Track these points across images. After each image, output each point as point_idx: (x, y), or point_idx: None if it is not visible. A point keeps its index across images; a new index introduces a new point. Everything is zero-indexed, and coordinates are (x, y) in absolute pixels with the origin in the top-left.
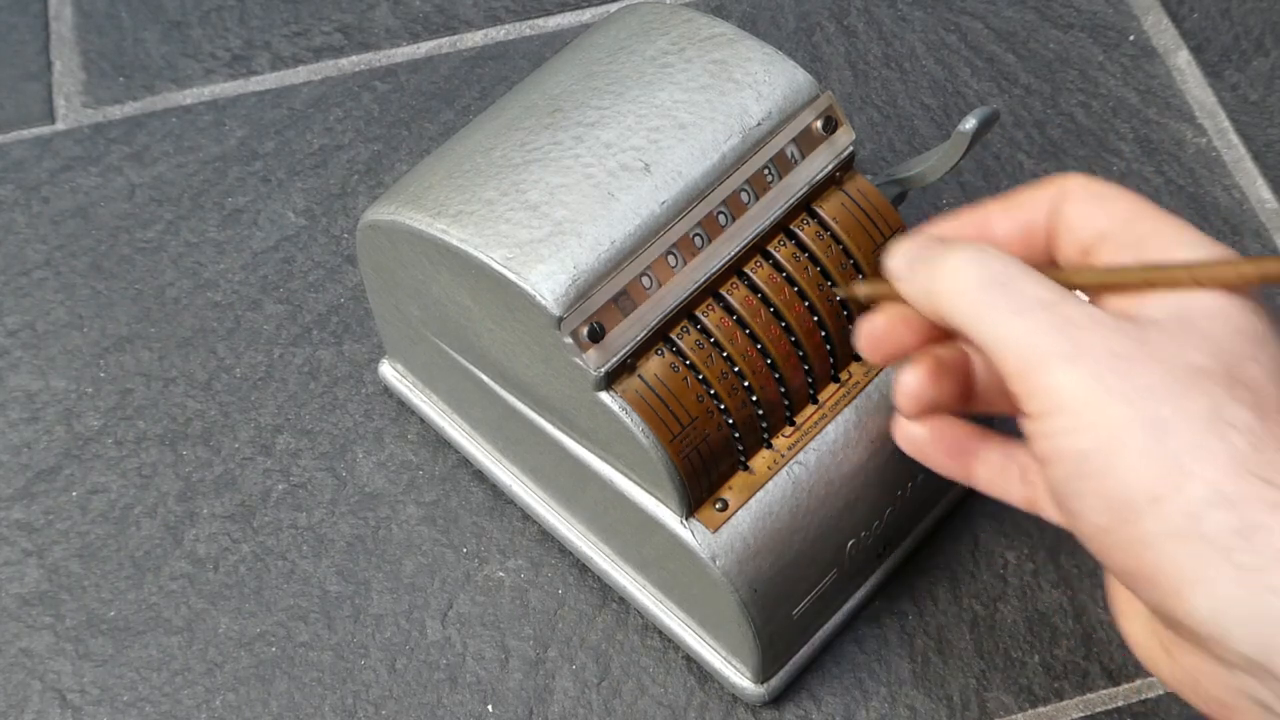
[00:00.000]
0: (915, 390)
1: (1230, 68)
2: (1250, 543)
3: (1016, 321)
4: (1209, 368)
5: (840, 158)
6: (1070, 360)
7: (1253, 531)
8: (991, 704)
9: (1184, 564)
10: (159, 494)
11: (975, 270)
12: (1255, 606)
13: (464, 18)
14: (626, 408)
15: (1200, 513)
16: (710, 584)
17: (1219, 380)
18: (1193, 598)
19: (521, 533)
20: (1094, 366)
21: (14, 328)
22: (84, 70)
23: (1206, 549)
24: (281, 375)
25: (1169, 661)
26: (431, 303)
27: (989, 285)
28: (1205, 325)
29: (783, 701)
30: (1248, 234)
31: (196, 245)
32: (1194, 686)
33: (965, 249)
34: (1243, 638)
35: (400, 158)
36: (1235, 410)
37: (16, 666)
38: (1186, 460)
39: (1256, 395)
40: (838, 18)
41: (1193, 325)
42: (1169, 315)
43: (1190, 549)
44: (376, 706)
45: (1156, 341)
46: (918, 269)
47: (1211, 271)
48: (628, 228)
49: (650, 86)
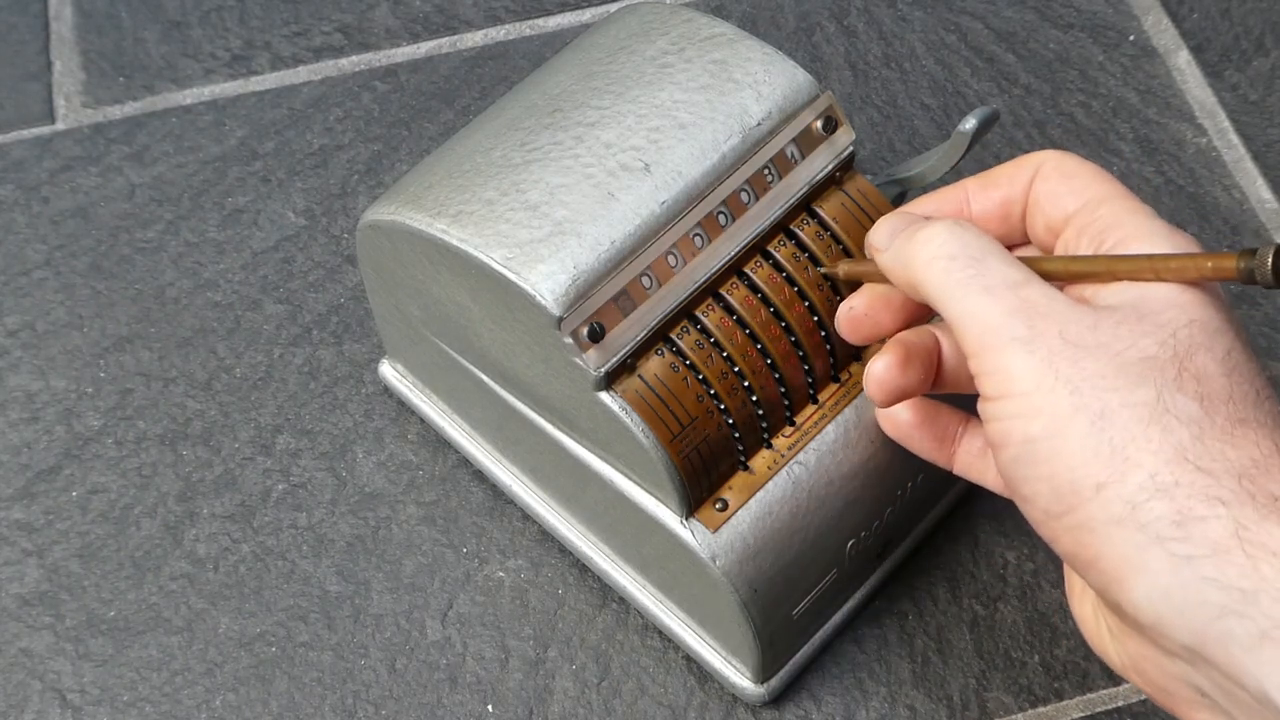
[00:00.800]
0: (883, 377)
1: (1230, 68)
2: (1185, 532)
3: (981, 299)
4: (1159, 357)
5: (840, 158)
6: (1026, 345)
7: (1188, 521)
8: (991, 704)
9: (1124, 552)
10: (159, 494)
11: (949, 243)
12: (1189, 596)
13: (464, 18)
14: (626, 408)
15: (1139, 501)
16: (710, 584)
17: (1168, 369)
18: (1132, 586)
19: (521, 533)
20: (1047, 352)
21: (14, 328)
22: (84, 70)
23: (1144, 537)
24: (281, 375)
25: (1116, 646)
26: (431, 303)
27: (960, 259)
28: (1161, 314)
29: (783, 701)
30: (1248, 234)
31: (196, 245)
32: (1138, 671)
33: (942, 222)
34: (1178, 626)
35: (400, 158)
36: (1180, 400)
37: (16, 666)
38: (1129, 449)
39: (1204, 385)
40: (838, 18)
41: (1149, 314)
42: (1126, 303)
43: (1129, 537)
44: (376, 706)
45: (1110, 330)
46: (897, 241)
47: (1171, 264)
48: (628, 228)
49: (650, 86)
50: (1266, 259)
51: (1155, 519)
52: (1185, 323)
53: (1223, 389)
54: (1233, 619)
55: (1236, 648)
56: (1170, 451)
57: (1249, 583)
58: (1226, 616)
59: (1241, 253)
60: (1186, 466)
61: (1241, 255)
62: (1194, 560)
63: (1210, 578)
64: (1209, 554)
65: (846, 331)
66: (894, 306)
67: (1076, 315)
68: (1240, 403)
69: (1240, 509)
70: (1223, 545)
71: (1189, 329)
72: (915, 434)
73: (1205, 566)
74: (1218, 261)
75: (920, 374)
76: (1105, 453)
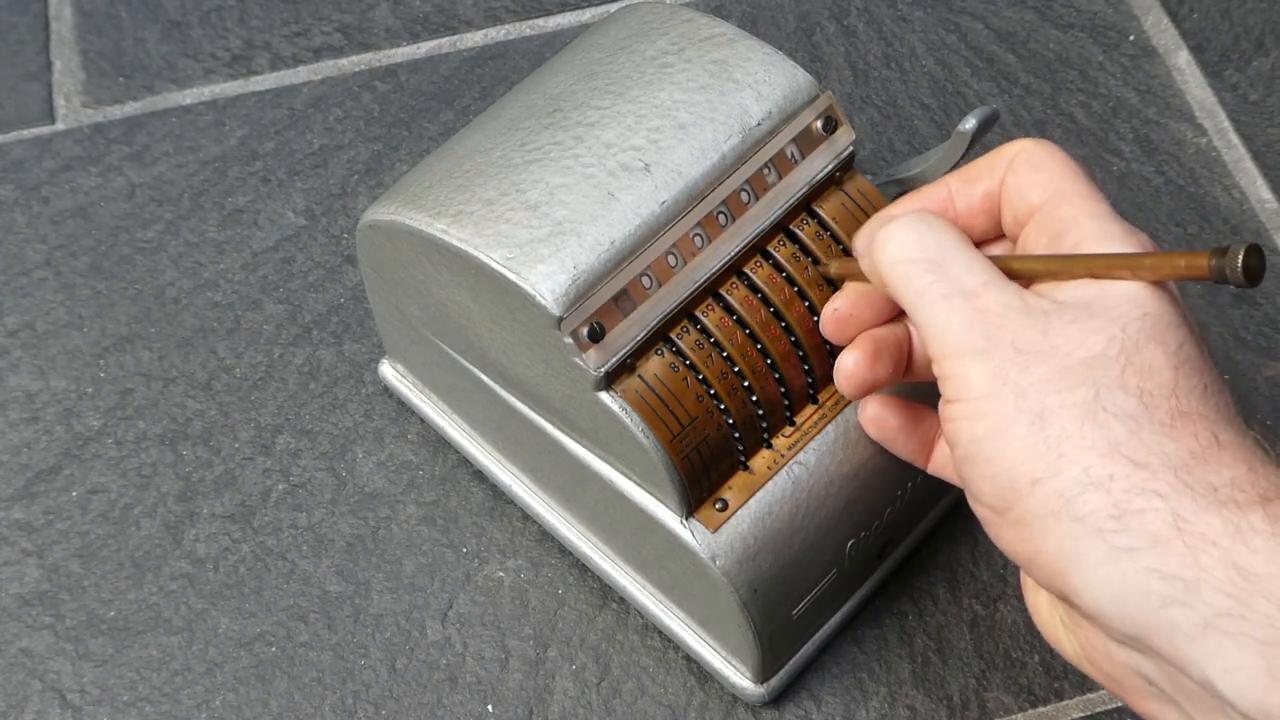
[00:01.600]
0: (852, 371)
1: (1230, 68)
2: (1124, 524)
3: (940, 309)
4: (1104, 354)
5: (840, 158)
6: (981, 354)
7: (1126, 514)
8: (991, 704)
9: (1062, 545)
10: (159, 494)
11: (909, 244)
12: (1131, 586)
13: (464, 18)
14: (626, 408)
15: (1073, 494)
16: (710, 584)
17: (1111, 366)
18: (1074, 578)
19: (521, 533)
20: (999, 361)
21: (14, 328)
22: (84, 70)
23: (1080, 529)
24: (281, 375)
25: (1068, 637)
26: (431, 303)
27: (920, 262)
28: (1114, 309)
29: (783, 701)
30: (1247, 234)
31: (196, 245)
32: (1090, 662)
33: (902, 220)
34: (1121, 617)
35: (400, 158)
36: (1118, 397)
37: (16, 666)
38: (1064, 445)
39: (1149, 379)
40: (838, 18)
41: (1102, 310)
42: (1082, 300)
43: (1066, 529)
44: (376, 706)
45: (1060, 330)
46: (871, 244)
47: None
48: (628, 228)
49: (650, 86)
50: (1238, 257)
51: (1091, 512)
52: (1138, 316)
53: (1168, 382)
54: (1176, 608)
55: (1180, 637)
56: (1104, 446)
57: (1190, 573)
58: (1170, 606)
59: (1213, 251)
60: (1121, 460)
61: (1213, 254)
62: (1134, 552)
63: (1151, 568)
64: (1148, 545)
65: (831, 332)
66: (876, 305)
67: (1029, 321)
68: (1185, 396)
69: (1178, 500)
70: (1162, 536)
71: (1140, 322)
72: (899, 437)
73: (1146, 557)
74: (1190, 260)
75: (889, 368)
76: (1041, 450)
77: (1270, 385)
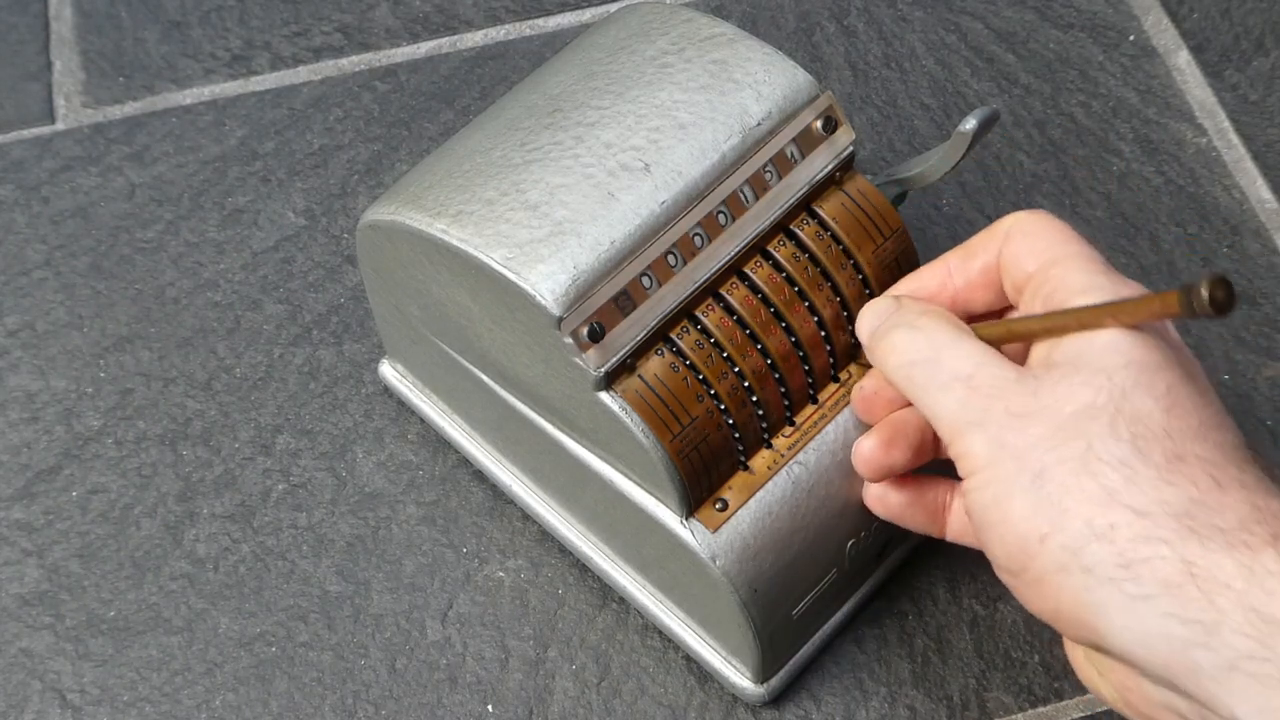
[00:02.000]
0: (869, 456)
1: (1230, 68)
2: (1133, 573)
3: (939, 397)
4: (1095, 405)
5: (840, 158)
6: (979, 427)
7: (1133, 563)
8: (991, 704)
9: (1079, 596)
10: (159, 494)
11: (908, 350)
12: (1152, 630)
13: (464, 18)
14: (626, 408)
15: (1079, 546)
16: (710, 584)
17: (1101, 417)
18: (1098, 625)
19: (521, 533)
20: (996, 430)
21: (14, 328)
22: (84, 70)
23: (1093, 580)
24: (281, 375)
25: (1103, 681)
26: (431, 303)
27: (919, 364)
28: (1098, 360)
29: (783, 701)
30: (1247, 234)
31: (196, 245)
32: (1127, 704)
33: (899, 330)
34: (1147, 660)
35: (400, 158)
36: (1110, 446)
37: (16, 666)
38: (1064, 500)
39: (1139, 425)
40: (838, 18)
41: (1086, 363)
42: (1068, 358)
43: (1079, 582)
44: (376, 706)
45: (1050, 391)
46: (873, 344)
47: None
48: (628, 228)
49: (650, 86)
50: (1202, 291)
51: (1099, 562)
52: (1122, 365)
53: (1159, 425)
54: (1198, 651)
55: (1206, 679)
56: (1102, 496)
57: (1208, 616)
58: (1192, 649)
59: (1181, 289)
60: (1120, 509)
61: (1181, 291)
62: (1150, 599)
63: (1169, 613)
64: (1162, 591)
65: (861, 412)
66: None
67: (1020, 387)
68: (1179, 438)
69: (1185, 546)
70: (1174, 582)
71: (1125, 370)
72: (907, 512)
73: (1162, 603)
74: (1163, 300)
75: (905, 453)
76: (1044, 507)
77: (1270, 385)
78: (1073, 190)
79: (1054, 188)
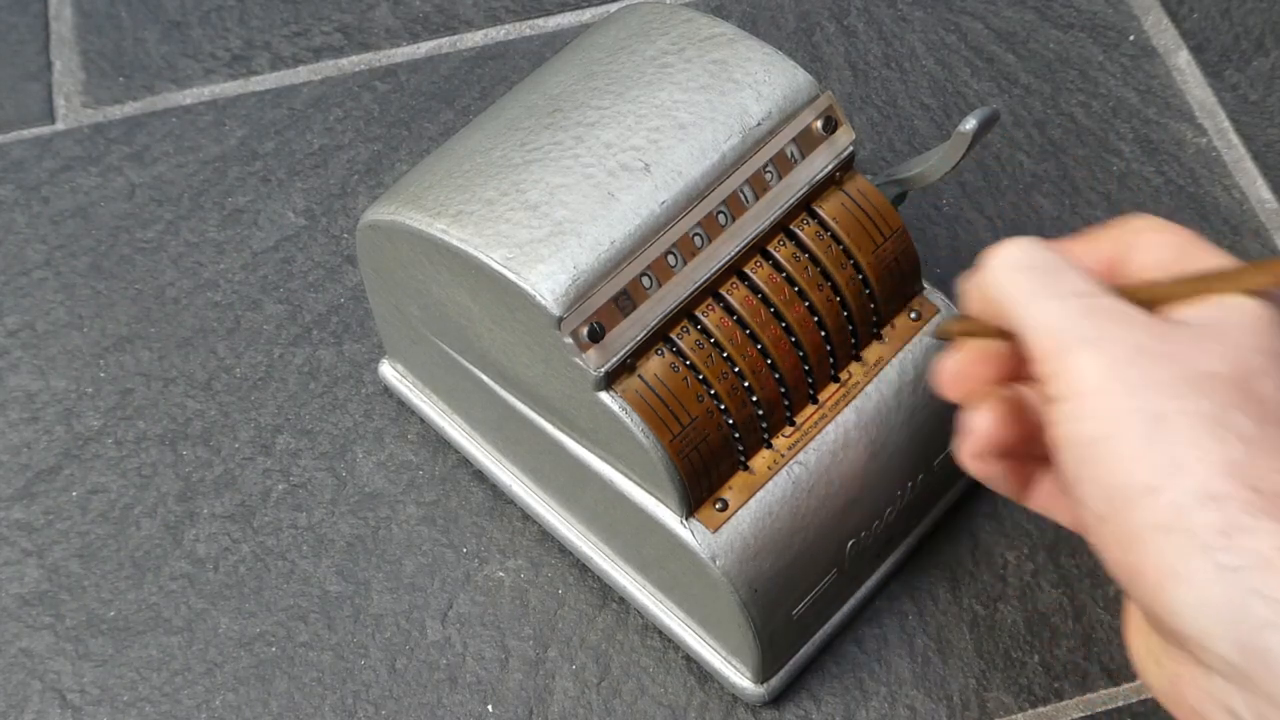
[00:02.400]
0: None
1: (1230, 68)
2: (1232, 542)
3: (1050, 304)
4: (1223, 374)
5: (840, 158)
6: (1094, 345)
7: (1235, 531)
8: (991, 704)
9: (1169, 558)
10: (159, 494)
11: (1022, 256)
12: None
13: (464, 18)
14: (626, 408)
15: (1188, 507)
16: (710, 584)
17: (1230, 388)
18: (1175, 593)
19: (521, 533)
20: (1113, 355)
21: (14, 328)
22: (84, 70)
23: (1190, 544)
24: (281, 375)
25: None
26: (431, 303)
27: (1030, 269)
28: (1231, 335)
29: (783, 701)
30: (1247, 234)
31: (196, 245)
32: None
33: (1015, 239)
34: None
35: (400, 158)
36: (1238, 418)
37: (16, 666)
38: (1182, 456)
39: (1264, 409)
40: (838, 18)
41: (1220, 333)
42: (1201, 321)
43: (1175, 543)
44: (376, 706)
45: (1179, 342)
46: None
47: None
48: (628, 228)
49: (650, 86)
50: None
51: (1202, 526)
52: (1254, 347)
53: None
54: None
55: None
56: (1223, 463)
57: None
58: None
59: None
60: (1237, 481)
61: None
62: (1240, 571)
63: (1255, 589)
64: (1255, 565)
65: (948, 388)
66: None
67: (1147, 324)
68: None
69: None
70: (1268, 559)
71: (1256, 354)
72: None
73: (1251, 578)
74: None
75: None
76: (1158, 458)
77: None
78: (1073, 190)
79: (1054, 188)
